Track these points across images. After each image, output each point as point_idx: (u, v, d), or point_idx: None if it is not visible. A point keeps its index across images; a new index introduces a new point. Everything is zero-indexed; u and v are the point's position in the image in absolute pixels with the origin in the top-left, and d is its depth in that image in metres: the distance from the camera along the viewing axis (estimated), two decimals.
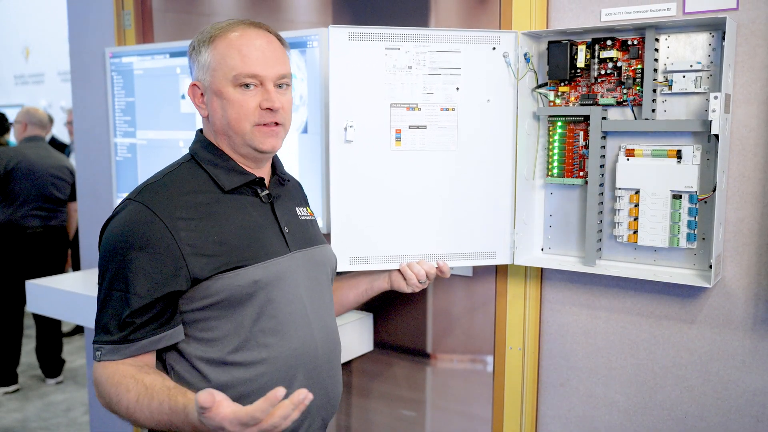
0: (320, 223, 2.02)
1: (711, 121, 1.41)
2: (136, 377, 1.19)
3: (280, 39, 1.37)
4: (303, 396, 1.00)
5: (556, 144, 1.70)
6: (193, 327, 1.28)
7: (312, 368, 1.36)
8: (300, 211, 1.48)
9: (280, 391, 0.99)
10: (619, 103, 1.61)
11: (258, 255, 1.31)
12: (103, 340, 1.24)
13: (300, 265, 1.38)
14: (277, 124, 1.34)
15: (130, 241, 1.23)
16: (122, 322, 1.22)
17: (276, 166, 1.46)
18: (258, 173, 1.39)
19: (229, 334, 1.28)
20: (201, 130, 1.41)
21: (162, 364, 1.30)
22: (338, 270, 1.60)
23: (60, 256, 4.36)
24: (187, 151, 1.40)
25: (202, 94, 1.35)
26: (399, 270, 1.65)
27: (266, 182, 1.41)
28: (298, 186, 1.60)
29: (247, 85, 1.30)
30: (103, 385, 1.22)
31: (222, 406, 1.00)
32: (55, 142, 6.04)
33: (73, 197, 4.34)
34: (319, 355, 1.37)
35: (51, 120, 4.60)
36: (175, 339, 1.26)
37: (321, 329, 1.39)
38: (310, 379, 1.35)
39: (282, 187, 1.45)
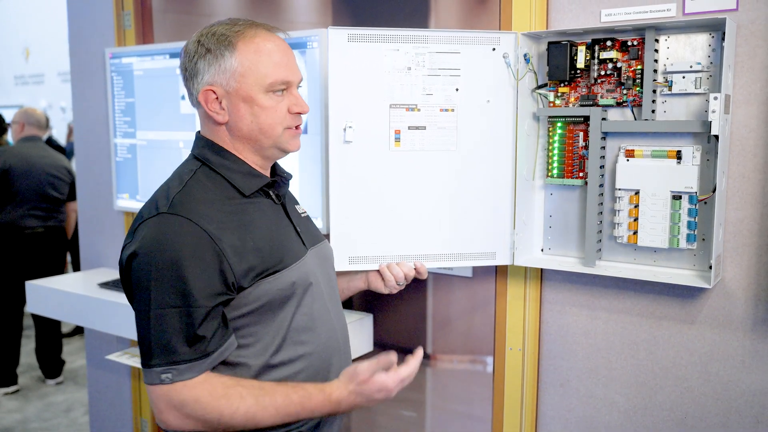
0: (320, 224, 2.02)
1: (711, 122, 1.41)
2: (241, 383, 1.20)
3: None
4: (422, 352, 1.32)
5: (556, 145, 1.70)
6: (235, 335, 1.26)
7: (337, 359, 1.38)
8: (299, 209, 1.49)
9: (421, 349, 1.32)
10: (618, 104, 1.61)
11: (289, 257, 1.32)
12: (172, 360, 1.16)
13: (316, 262, 1.40)
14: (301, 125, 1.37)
15: (179, 254, 1.17)
16: (192, 337, 1.17)
17: (275, 166, 1.46)
18: (267, 175, 1.39)
19: (268, 337, 1.28)
20: (200, 134, 1.37)
21: None
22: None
23: (59, 256, 4.36)
24: (191, 156, 1.36)
25: (216, 99, 1.29)
26: (377, 270, 1.65)
27: None
28: None
29: (278, 91, 1.30)
30: (206, 403, 1.17)
31: (380, 373, 1.25)
32: (51, 144, 6.03)
33: (72, 197, 4.34)
34: (340, 347, 1.41)
35: (48, 121, 4.58)
36: (233, 347, 1.24)
37: (338, 322, 1.42)
38: (335, 370, 1.37)
39: (284, 187, 1.45)
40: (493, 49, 1.66)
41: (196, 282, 1.17)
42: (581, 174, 1.68)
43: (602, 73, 1.62)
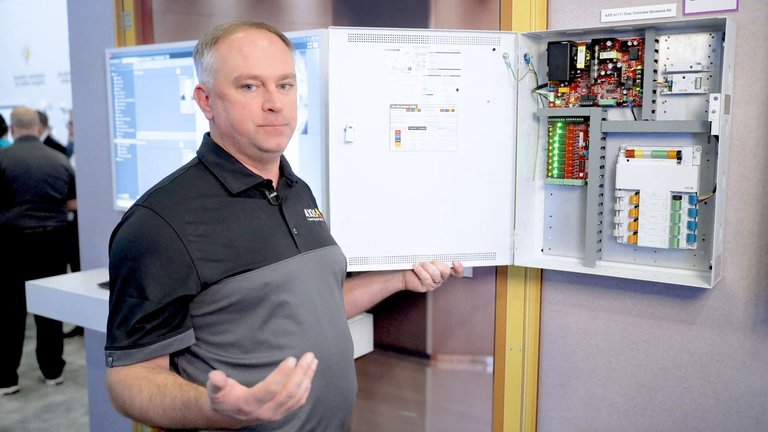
0: None
1: (711, 122, 1.41)
2: (148, 378, 1.20)
3: (283, 39, 1.37)
4: (309, 359, 1.01)
5: (556, 145, 1.70)
6: (206, 331, 1.28)
7: (326, 368, 1.35)
8: (308, 213, 1.48)
9: (291, 360, 1.00)
10: (619, 104, 1.61)
11: (267, 257, 1.31)
12: (114, 346, 1.23)
13: (310, 266, 1.38)
14: (281, 124, 1.34)
15: (140, 247, 1.23)
16: (131, 327, 1.21)
17: (284, 167, 1.46)
18: (265, 175, 1.39)
19: (241, 337, 1.28)
20: (208, 134, 1.41)
21: (174, 368, 1.30)
22: (347, 270, 1.60)
23: (60, 256, 4.35)
24: (195, 155, 1.40)
25: (207, 97, 1.35)
26: (413, 270, 1.65)
27: (274, 184, 1.41)
28: (306, 188, 1.60)
29: (248, 86, 1.30)
30: (116, 389, 1.22)
31: (234, 388, 1.01)
32: (51, 143, 6.02)
33: (72, 195, 4.34)
34: (332, 356, 1.37)
35: (44, 118, 4.56)
36: (186, 343, 1.26)
37: (332, 329, 1.39)
38: (325, 380, 1.35)
39: (290, 189, 1.44)
40: (494, 49, 1.66)
41: (151, 276, 1.21)
42: (581, 174, 1.68)
43: (602, 73, 1.62)
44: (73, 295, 2.38)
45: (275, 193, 1.39)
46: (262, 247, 1.31)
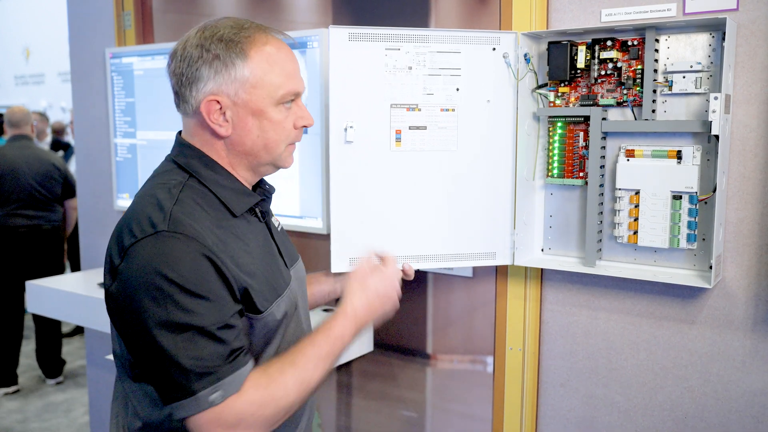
0: (320, 224, 2.02)
1: (711, 122, 1.41)
2: (270, 363, 1.13)
3: None
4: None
5: (556, 144, 1.70)
6: None
7: None
8: (275, 222, 1.38)
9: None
10: (619, 104, 1.61)
11: (281, 284, 1.24)
12: (217, 377, 1.05)
13: (296, 284, 1.33)
14: None
15: (193, 274, 1.06)
16: (229, 352, 1.07)
17: (260, 180, 1.32)
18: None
19: (262, 361, 1.20)
20: (189, 145, 1.23)
21: None
22: (334, 270, 1.61)
23: (53, 256, 4.31)
24: (171, 163, 1.23)
25: (220, 110, 1.17)
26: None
27: None
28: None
29: (285, 103, 1.21)
30: (259, 399, 1.08)
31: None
32: (60, 144, 6.03)
33: (68, 194, 4.32)
34: None
35: (25, 117, 4.47)
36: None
37: None
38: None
39: (268, 202, 1.33)
40: (494, 48, 1.66)
41: (216, 299, 1.08)
42: (581, 174, 1.68)
43: (602, 72, 1.62)
44: (74, 294, 2.38)
45: (262, 209, 1.29)
46: (275, 274, 1.24)
